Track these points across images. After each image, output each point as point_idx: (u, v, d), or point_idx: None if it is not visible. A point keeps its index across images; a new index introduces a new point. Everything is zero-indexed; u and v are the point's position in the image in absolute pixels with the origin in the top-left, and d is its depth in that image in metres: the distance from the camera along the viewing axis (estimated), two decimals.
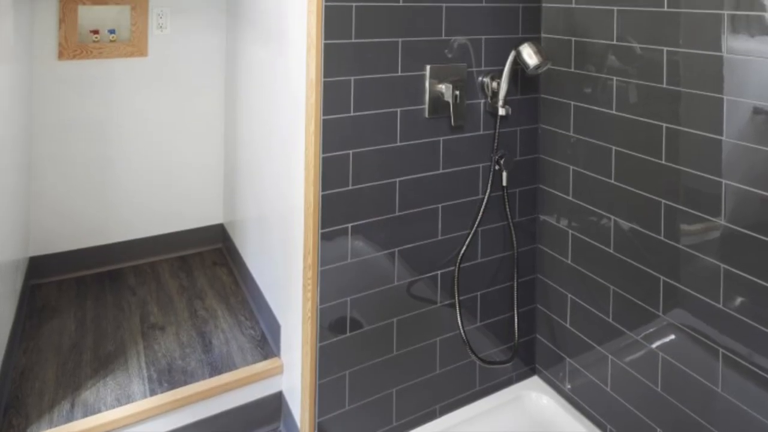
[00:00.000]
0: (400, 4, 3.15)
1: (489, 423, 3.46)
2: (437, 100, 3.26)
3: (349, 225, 3.09)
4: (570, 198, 3.43)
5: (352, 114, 3.05)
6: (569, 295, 3.43)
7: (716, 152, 2.73)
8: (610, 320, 3.20)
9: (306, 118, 3.05)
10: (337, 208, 3.05)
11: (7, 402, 3.25)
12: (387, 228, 3.18)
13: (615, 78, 3.19)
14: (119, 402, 3.28)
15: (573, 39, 3.43)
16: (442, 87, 3.26)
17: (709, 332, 2.74)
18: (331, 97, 2.99)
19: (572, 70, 3.42)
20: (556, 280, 3.52)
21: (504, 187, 3.43)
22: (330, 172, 3.02)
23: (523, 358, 3.66)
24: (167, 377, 3.45)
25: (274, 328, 3.68)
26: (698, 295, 2.79)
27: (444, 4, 3.28)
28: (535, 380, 3.66)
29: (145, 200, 4.74)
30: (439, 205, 3.32)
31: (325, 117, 2.98)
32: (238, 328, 3.91)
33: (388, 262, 3.19)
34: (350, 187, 3.07)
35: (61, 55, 4.30)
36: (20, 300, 3.83)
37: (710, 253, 2.74)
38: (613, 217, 3.19)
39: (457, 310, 3.32)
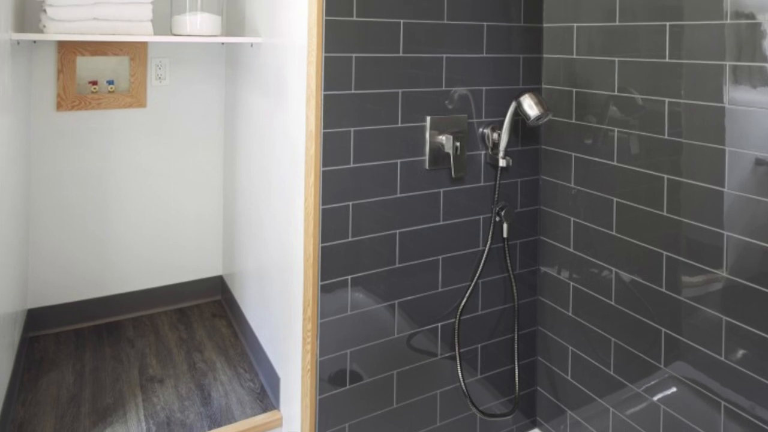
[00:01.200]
0: (401, 54, 3.18)
1: None
2: (437, 151, 3.28)
3: (349, 277, 3.10)
4: (571, 250, 3.44)
5: (351, 165, 3.06)
6: (570, 348, 3.44)
7: (718, 204, 2.74)
8: (612, 372, 3.20)
9: (306, 169, 3.07)
10: (337, 260, 3.06)
11: None
12: (387, 280, 3.19)
13: (616, 129, 3.21)
14: None
15: (574, 90, 3.46)
16: (443, 138, 3.28)
17: (711, 385, 2.75)
18: (331, 148, 3.02)
19: (573, 121, 3.44)
20: (557, 332, 3.53)
21: (505, 239, 3.45)
22: (330, 223, 3.03)
23: (524, 411, 3.65)
24: (166, 430, 3.45)
25: (274, 380, 3.68)
26: (700, 348, 2.79)
27: (444, 55, 3.31)
28: None
29: (143, 252, 4.75)
30: (440, 257, 3.33)
31: (325, 168, 3.00)
32: (237, 381, 3.91)
33: (388, 314, 3.20)
34: (350, 239, 3.08)
35: (59, 106, 4.32)
36: (18, 352, 3.83)
37: (712, 305, 2.75)
38: (614, 268, 3.20)
39: (458, 363, 3.32)
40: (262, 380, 3.90)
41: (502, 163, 3.35)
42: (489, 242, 3.42)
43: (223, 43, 4.83)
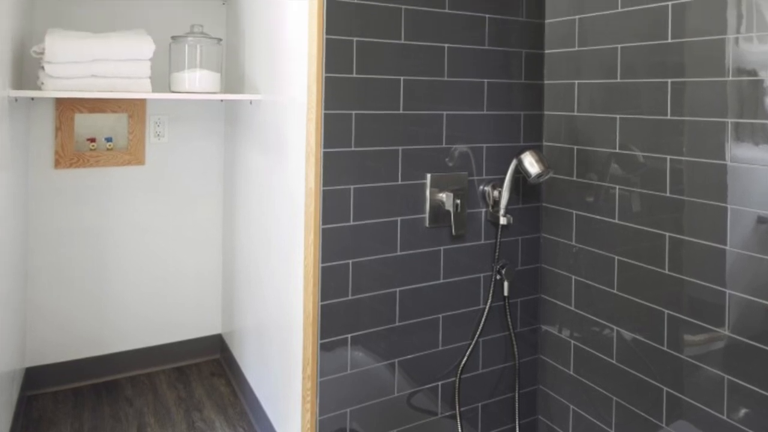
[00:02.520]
0: (401, 112, 3.20)
1: None
2: (438, 209, 3.30)
3: (349, 335, 3.11)
4: (572, 308, 3.44)
5: (351, 223, 3.08)
6: (571, 407, 3.43)
7: (720, 262, 2.75)
8: None
9: (305, 227, 3.09)
10: (337, 319, 3.07)
11: None
12: (387, 338, 3.19)
13: (617, 187, 3.23)
14: None
15: (575, 147, 3.47)
16: (443, 196, 3.30)
17: None
18: (331, 206, 3.03)
19: (574, 178, 3.46)
20: (558, 391, 3.53)
21: (505, 297, 3.46)
22: (329, 281, 3.05)
23: None
24: None
25: None
26: (702, 407, 2.80)
27: (445, 112, 3.33)
28: None
29: (142, 310, 4.75)
30: (440, 315, 3.34)
31: (325, 226, 3.02)
32: None
33: (388, 372, 3.20)
34: (350, 297, 3.09)
35: (57, 164, 4.33)
36: (16, 412, 3.83)
37: (714, 364, 2.76)
38: (615, 327, 3.20)
39: (458, 422, 3.33)
40: None
41: (502, 221, 3.36)
42: (489, 300, 3.43)
43: (222, 100, 4.84)
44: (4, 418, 3.44)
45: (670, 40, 3.00)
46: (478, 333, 3.41)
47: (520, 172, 3.34)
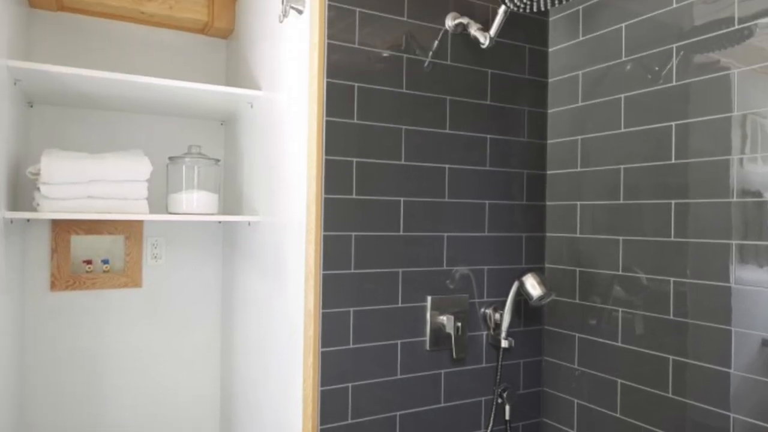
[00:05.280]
0: (401, 233, 3.25)
1: None
2: (438, 331, 3.34)
3: None
4: None
5: (351, 346, 3.12)
6: None
7: (724, 385, 2.79)
8: None
9: (304, 349, 3.11)
10: None
11: None
12: None
13: (621, 309, 3.27)
14: None
15: (577, 269, 3.52)
16: (444, 318, 3.34)
17: None
18: (330, 328, 3.08)
19: (577, 301, 3.50)
20: None
21: (507, 421, 3.48)
22: (328, 405, 3.07)
23: None
24: None
25: None
26: None
27: (446, 234, 3.38)
28: None
29: None
30: None
31: (324, 349, 3.06)
32: None
33: None
34: (349, 421, 3.12)
35: (53, 286, 4.35)
36: None
37: None
38: None
39: None
40: None
41: (504, 344, 3.40)
42: (491, 425, 3.46)
43: (220, 222, 4.89)
44: None
45: (673, 161, 3.06)
46: None
47: (522, 294, 3.40)
